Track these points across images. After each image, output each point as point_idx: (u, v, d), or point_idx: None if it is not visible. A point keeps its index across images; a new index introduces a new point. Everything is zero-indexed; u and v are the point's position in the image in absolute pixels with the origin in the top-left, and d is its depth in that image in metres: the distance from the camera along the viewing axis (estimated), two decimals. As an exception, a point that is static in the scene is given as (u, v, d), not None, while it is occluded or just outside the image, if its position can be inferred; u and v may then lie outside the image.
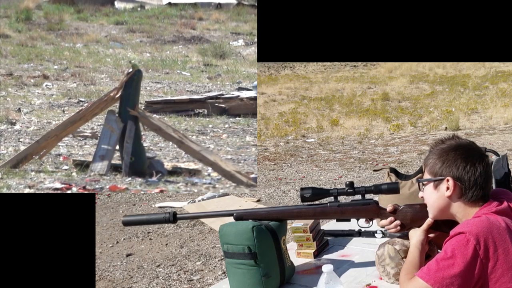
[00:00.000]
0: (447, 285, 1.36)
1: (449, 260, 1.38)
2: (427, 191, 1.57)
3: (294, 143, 9.22)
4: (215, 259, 4.31)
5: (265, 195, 6.04)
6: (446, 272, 1.37)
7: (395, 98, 13.13)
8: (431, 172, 1.56)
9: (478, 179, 1.50)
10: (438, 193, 1.54)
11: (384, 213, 1.70)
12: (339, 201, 1.73)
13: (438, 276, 1.37)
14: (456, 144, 1.55)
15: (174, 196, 6.01)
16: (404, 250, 1.67)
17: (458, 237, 1.40)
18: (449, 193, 1.51)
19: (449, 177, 1.51)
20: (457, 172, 1.50)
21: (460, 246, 1.38)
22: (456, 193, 1.51)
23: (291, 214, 1.78)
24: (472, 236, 1.38)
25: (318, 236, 1.99)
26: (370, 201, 1.72)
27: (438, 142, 1.59)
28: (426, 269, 1.41)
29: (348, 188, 1.71)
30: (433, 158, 1.56)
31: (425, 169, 1.59)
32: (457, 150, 1.53)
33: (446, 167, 1.52)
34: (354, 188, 1.71)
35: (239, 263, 1.67)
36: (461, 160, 1.51)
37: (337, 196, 1.73)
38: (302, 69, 19.77)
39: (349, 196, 1.73)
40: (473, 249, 1.37)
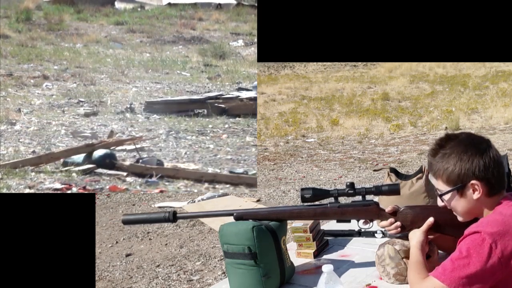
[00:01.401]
0: (463, 284, 1.34)
1: (465, 260, 1.35)
2: (451, 200, 1.50)
3: (294, 143, 9.22)
4: (215, 259, 4.30)
5: (265, 195, 6.04)
6: (462, 271, 1.34)
7: (395, 98, 13.12)
8: (450, 181, 1.47)
9: (500, 168, 1.43)
10: (466, 199, 1.47)
11: (384, 214, 1.70)
12: (339, 202, 1.73)
13: (454, 276, 1.35)
14: (460, 142, 1.47)
15: (173, 196, 6.01)
16: (404, 250, 1.66)
17: (473, 236, 1.37)
18: (478, 195, 1.44)
19: (473, 180, 1.43)
20: (479, 171, 1.43)
21: (476, 245, 1.35)
22: (485, 192, 1.44)
23: (291, 215, 1.77)
24: (488, 234, 1.35)
25: (318, 236, 1.99)
26: (371, 202, 1.72)
27: (437, 148, 1.50)
28: (441, 269, 1.38)
29: (348, 189, 1.70)
30: (443, 166, 1.47)
31: (439, 180, 1.50)
32: (466, 148, 1.45)
33: (465, 171, 1.43)
34: (355, 189, 1.70)
35: (239, 263, 1.67)
36: (477, 156, 1.43)
37: (338, 197, 1.72)
38: (302, 69, 19.76)
39: (350, 197, 1.73)
40: (489, 248, 1.34)
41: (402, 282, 1.67)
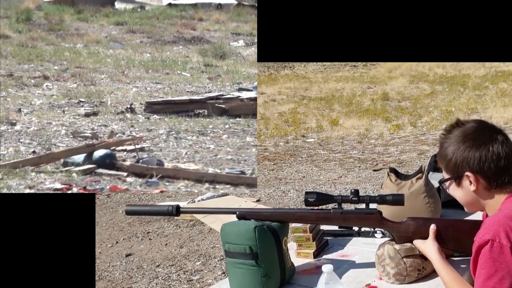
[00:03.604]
0: None
1: (495, 276, 1.30)
2: (451, 189, 1.48)
3: (294, 143, 9.22)
4: (215, 259, 4.31)
5: (265, 195, 6.04)
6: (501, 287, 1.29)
7: (395, 98, 13.11)
8: (447, 169, 1.45)
9: (499, 163, 1.38)
10: (464, 189, 1.45)
11: (387, 223, 1.69)
12: (342, 208, 1.73)
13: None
14: (462, 132, 1.43)
15: (174, 197, 6.01)
16: (404, 250, 1.67)
17: (489, 248, 1.31)
18: (473, 187, 1.41)
19: (468, 172, 1.40)
20: (473, 164, 1.39)
21: (497, 256, 1.30)
22: (482, 185, 1.41)
23: (293, 217, 1.78)
24: (502, 238, 1.30)
25: (318, 236, 1.99)
26: (374, 211, 1.71)
27: (445, 133, 1.47)
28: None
29: (352, 196, 1.70)
30: (444, 153, 1.45)
31: (442, 166, 1.49)
32: (465, 138, 1.41)
33: (460, 161, 1.40)
34: (359, 197, 1.70)
35: (240, 263, 1.67)
36: (473, 148, 1.39)
37: (341, 203, 1.72)
38: (302, 69, 19.75)
39: (353, 204, 1.72)
40: (510, 251, 1.29)
41: (402, 282, 1.67)
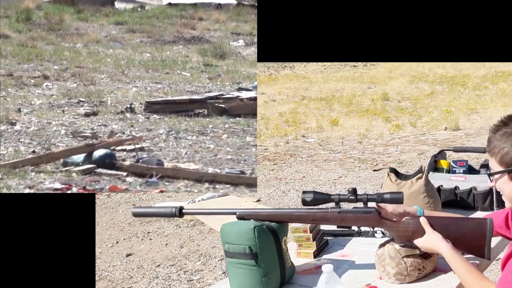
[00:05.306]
0: None
1: None
2: (502, 182, 1.44)
3: (294, 143, 9.22)
4: (215, 259, 4.31)
5: (265, 195, 6.04)
6: None
7: (395, 98, 13.12)
8: (502, 162, 1.41)
9: None
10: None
11: (385, 222, 1.68)
12: (340, 207, 1.72)
13: None
14: None
15: (174, 196, 6.01)
16: (405, 250, 1.67)
17: None
18: None
19: None
20: None
21: None
22: None
23: (291, 217, 1.77)
24: None
25: (318, 236, 1.99)
26: (372, 210, 1.69)
27: (500, 125, 1.45)
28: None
29: (350, 194, 1.69)
30: (500, 145, 1.41)
31: (493, 158, 1.45)
32: None
33: None
34: (357, 196, 1.69)
35: (239, 263, 1.67)
36: None
37: (339, 202, 1.71)
38: (302, 69, 19.76)
39: (351, 203, 1.71)
40: None
41: (403, 282, 1.67)
